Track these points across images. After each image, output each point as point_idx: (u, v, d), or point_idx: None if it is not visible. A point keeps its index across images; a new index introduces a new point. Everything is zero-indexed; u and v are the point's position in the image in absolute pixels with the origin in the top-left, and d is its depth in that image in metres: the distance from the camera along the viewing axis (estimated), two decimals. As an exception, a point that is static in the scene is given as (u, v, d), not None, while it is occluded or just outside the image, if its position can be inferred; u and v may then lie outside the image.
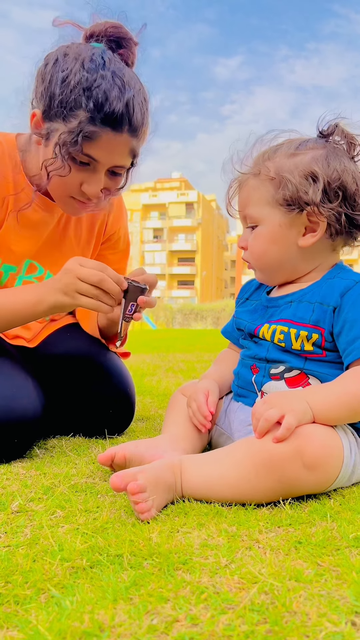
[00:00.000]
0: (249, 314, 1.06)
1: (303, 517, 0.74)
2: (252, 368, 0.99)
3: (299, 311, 0.94)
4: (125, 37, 1.05)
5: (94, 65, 0.98)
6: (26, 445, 1.06)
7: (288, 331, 0.93)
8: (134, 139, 1.04)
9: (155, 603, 0.52)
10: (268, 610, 0.50)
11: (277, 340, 0.94)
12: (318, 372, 0.92)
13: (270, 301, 1.02)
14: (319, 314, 0.91)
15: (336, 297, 0.90)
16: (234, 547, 0.65)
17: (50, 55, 1.03)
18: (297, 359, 0.93)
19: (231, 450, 0.83)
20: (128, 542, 0.66)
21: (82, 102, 0.97)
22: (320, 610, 0.50)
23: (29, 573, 0.59)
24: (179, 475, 0.82)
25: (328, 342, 0.90)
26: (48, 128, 1.02)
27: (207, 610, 0.50)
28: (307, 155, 0.92)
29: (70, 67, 0.98)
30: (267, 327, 0.97)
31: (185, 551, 0.63)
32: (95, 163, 1.03)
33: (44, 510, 0.79)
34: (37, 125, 1.05)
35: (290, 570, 0.58)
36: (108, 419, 1.25)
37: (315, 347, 0.91)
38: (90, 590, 0.55)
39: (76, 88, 0.97)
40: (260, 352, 0.98)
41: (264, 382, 0.96)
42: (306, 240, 0.94)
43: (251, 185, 0.96)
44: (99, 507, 0.81)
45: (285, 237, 0.95)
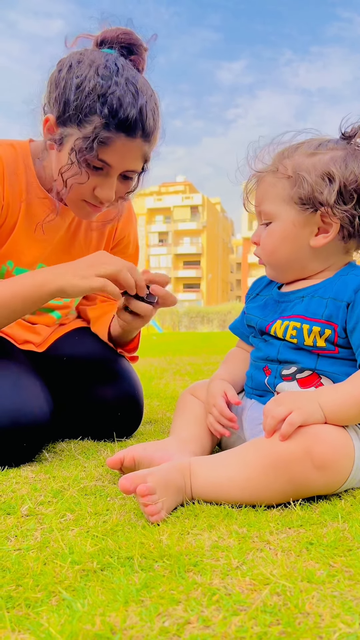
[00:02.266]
0: (259, 309, 1.05)
1: (314, 518, 0.74)
2: (265, 370, 0.99)
3: (311, 306, 0.93)
4: (136, 43, 1.07)
5: (108, 72, 1.00)
6: (35, 449, 1.07)
7: (301, 327, 0.92)
8: (147, 144, 1.06)
9: (166, 605, 0.51)
10: (281, 612, 0.49)
11: (290, 336, 0.94)
12: (330, 372, 0.91)
13: (281, 296, 1.02)
14: (332, 310, 0.90)
15: (350, 293, 0.90)
16: (245, 549, 0.65)
17: (64, 62, 1.05)
18: (309, 357, 0.93)
19: (240, 452, 0.83)
20: (138, 545, 0.66)
21: (97, 108, 0.99)
22: (334, 611, 0.50)
23: (39, 576, 0.59)
24: (189, 477, 0.81)
25: (341, 338, 0.90)
26: (62, 133, 1.04)
27: (219, 612, 0.50)
28: (326, 155, 0.92)
29: (84, 74, 1.00)
30: (279, 324, 0.96)
31: (196, 553, 0.63)
32: (108, 168, 1.05)
33: (53, 513, 0.79)
34: (50, 130, 1.06)
35: (302, 571, 0.58)
36: (116, 422, 1.25)
37: (328, 343, 0.91)
38: (101, 592, 0.55)
39: (91, 94, 0.99)
40: (271, 353, 0.97)
41: (277, 383, 0.96)
42: (318, 240, 0.94)
43: (268, 182, 0.96)
44: (109, 510, 0.80)
45: (297, 236, 0.95)
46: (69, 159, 1.03)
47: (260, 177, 0.98)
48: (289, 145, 0.97)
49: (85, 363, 1.27)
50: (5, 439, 1.00)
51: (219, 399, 1.00)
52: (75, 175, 1.04)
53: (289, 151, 0.96)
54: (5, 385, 1.04)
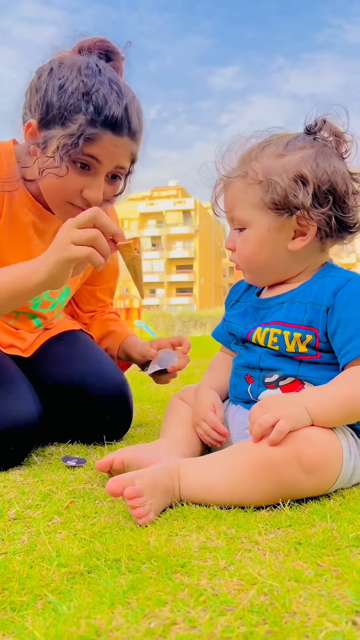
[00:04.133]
0: (239, 317, 1.04)
1: (303, 518, 0.74)
2: (247, 378, 0.98)
3: (291, 312, 0.93)
4: (113, 50, 1.08)
5: (90, 72, 0.99)
6: (23, 452, 1.06)
7: (282, 333, 0.91)
8: (133, 142, 1.05)
9: (153, 606, 0.51)
10: (267, 611, 0.49)
11: (271, 343, 0.93)
12: (312, 377, 0.90)
13: (260, 302, 1.01)
14: (312, 315, 0.90)
15: (329, 296, 0.89)
16: (233, 549, 0.64)
17: (44, 67, 1.03)
18: (291, 364, 0.92)
19: (229, 454, 0.83)
20: (126, 547, 0.65)
21: (82, 106, 0.97)
22: (320, 610, 0.49)
23: (25, 580, 0.58)
24: (177, 479, 0.81)
25: (322, 342, 0.89)
26: (45, 136, 1.02)
27: (206, 612, 0.49)
28: (296, 155, 0.90)
29: (66, 75, 0.99)
30: (260, 331, 0.95)
31: (183, 554, 0.63)
32: (96, 165, 1.02)
33: (41, 516, 0.78)
34: (32, 134, 1.04)
35: (289, 570, 0.58)
36: (106, 426, 1.24)
37: (310, 348, 0.90)
38: (87, 595, 0.54)
39: (74, 93, 0.97)
40: (252, 360, 0.96)
41: (260, 391, 0.95)
42: (296, 244, 0.92)
43: (238, 188, 0.93)
44: (97, 513, 0.80)
45: (274, 241, 0.93)
46: (53, 158, 1.00)
47: (229, 182, 0.95)
48: (254, 145, 0.94)
49: (73, 367, 1.26)
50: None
51: (210, 414, 0.98)
52: (54, 169, 1.01)
53: (255, 152, 0.93)
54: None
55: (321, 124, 0.92)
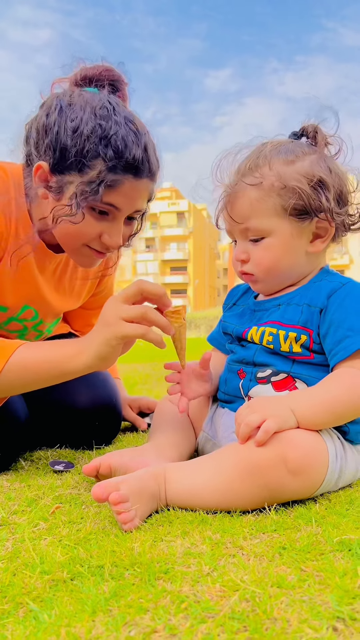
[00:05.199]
0: (236, 317, 1.05)
1: (288, 523, 0.74)
2: (239, 373, 0.99)
3: (287, 313, 0.94)
4: (119, 79, 1.02)
5: (105, 112, 0.93)
6: (9, 459, 1.05)
7: (277, 332, 0.92)
8: (152, 182, 1.01)
9: (134, 614, 0.51)
10: (248, 618, 0.49)
11: (266, 342, 0.94)
12: (305, 376, 0.91)
13: (258, 305, 1.02)
14: (307, 316, 0.91)
15: (323, 298, 0.90)
16: (217, 555, 0.64)
17: (51, 105, 0.96)
18: (284, 362, 0.93)
19: (215, 457, 0.83)
20: (110, 553, 0.65)
21: (100, 151, 0.91)
22: (302, 616, 0.49)
23: (8, 587, 0.58)
24: (163, 484, 0.81)
25: (316, 343, 0.90)
26: (59, 181, 0.95)
27: (187, 620, 0.49)
28: (305, 161, 0.91)
29: (79, 116, 0.92)
30: (255, 330, 0.96)
31: (167, 560, 0.62)
32: (115, 211, 0.97)
33: (26, 522, 0.78)
34: (42, 178, 0.97)
35: (273, 576, 0.57)
36: (94, 431, 1.24)
37: (304, 348, 0.91)
38: (69, 603, 0.54)
39: (91, 137, 0.91)
40: (247, 356, 0.97)
41: (251, 386, 0.96)
42: (316, 246, 0.95)
43: (253, 197, 0.92)
44: (83, 518, 0.79)
45: (296, 246, 0.94)
46: (70, 205, 0.95)
47: (237, 194, 0.94)
48: (255, 154, 0.94)
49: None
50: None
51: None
52: (70, 216, 0.96)
53: (261, 160, 0.92)
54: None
55: (312, 128, 0.95)
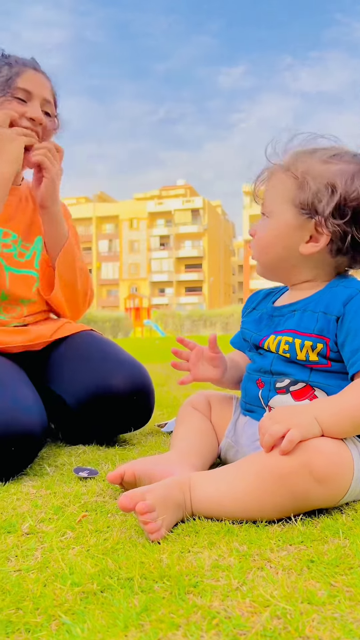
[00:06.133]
0: (254, 324, 1.05)
1: (315, 534, 0.74)
2: (258, 382, 0.99)
3: (303, 321, 0.93)
4: None
5: (4, 52, 1.37)
6: (26, 462, 1.07)
7: (293, 341, 0.92)
8: (49, 81, 1.37)
9: (166, 630, 0.51)
10: (280, 636, 0.49)
11: (282, 351, 0.94)
12: (324, 384, 0.91)
13: (275, 310, 1.02)
14: (323, 324, 0.90)
15: (339, 306, 0.89)
16: (245, 568, 0.64)
17: None
18: (302, 370, 0.93)
19: (240, 466, 0.83)
20: (139, 564, 0.66)
21: (4, 61, 1.33)
22: (334, 634, 0.49)
23: (39, 599, 0.59)
24: (188, 493, 0.81)
25: (333, 352, 0.90)
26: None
27: (219, 637, 0.50)
28: (337, 166, 0.92)
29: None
30: (272, 339, 0.96)
31: (196, 573, 0.63)
32: (28, 95, 1.32)
33: (54, 531, 0.79)
34: None
35: (302, 591, 0.57)
36: (130, 412, 1.31)
37: (320, 357, 0.91)
38: (101, 616, 0.55)
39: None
40: (264, 365, 0.97)
41: (270, 396, 0.96)
42: (306, 248, 0.94)
43: (278, 178, 0.97)
44: (109, 527, 0.80)
45: (288, 237, 0.95)
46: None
47: (273, 171, 0.98)
48: (307, 148, 0.97)
49: (92, 358, 1.34)
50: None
51: None
52: (5, 102, 1.30)
53: (306, 153, 0.96)
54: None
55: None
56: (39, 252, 1.45)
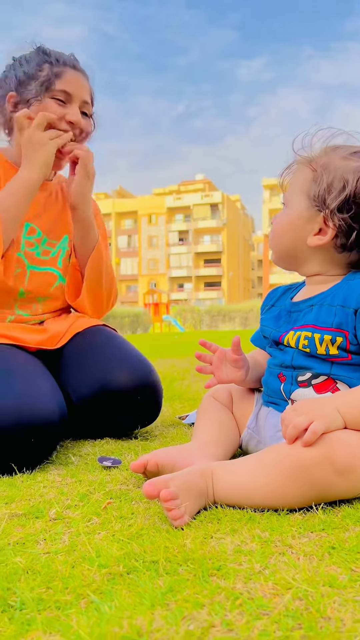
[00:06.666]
0: (273, 320, 1.06)
1: (336, 522, 0.75)
2: (280, 376, 1.00)
3: (321, 315, 0.94)
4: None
5: (43, 47, 1.36)
6: (46, 450, 1.10)
7: (312, 336, 0.93)
8: (88, 80, 1.37)
9: (191, 609, 0.53)
10: (303, 616, 0.51)
11: (302, 346, 0.95)
12: (345, 377, 0.92)
13: (293, 306, 1.03)
14: (341, 317, 0.91)
15: (356, 298, 0.90)
16: (267, 553, 0.66)
17: (6, 67, 1.37)
18: (323, 364, 0.93)
19: (262, 456, 0.84)
20: (163, 549, 0.68)
21: (45, 59, 1.32)
22: (355, 615, 0.50)
23: (68, 579, 0.61)
24: (211, 482, 0.83)
25: (353, 344, 0.90)
26: (24, 96, 1.31)
27: (242, 616, 0.51)
28: (356, 163, 0.93)
29: (26, 55, 1.35)
30: (292, 334, 0.97)
31: (219, 557, 0.65)
32: (68, 97, 1.31)
33: (80, 517, 0.81)
34: (13, 102, 1.33)
35: (324, 576, 0.59)
36: (135, 410, 1.31)
37: (341, 350, 0.91)
38: (127, 596, 0.57)
39: (36, 58, 1.32)
40: (285, 360, 0.98)
41: (292, 389, 0.97)
42: (313, 240, 0.96)
43: (300, 170, 0.99)
44: (134, 514, 0.82)
45: (299, 228, 0.97)
46: (35, 100, 1.30)
47: (298, 163, 1.01)
48: (333, 144, 0.98)
49: (99, 356, 1.34)
50: (15, 438, 1.03)
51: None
52: (41, 104, 1.30)
53: (330, 148, 0.97)
54: (18, 385, 1.08)
55: None
56: (64, 251, 1.46)
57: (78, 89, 1.33)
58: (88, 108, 1.37)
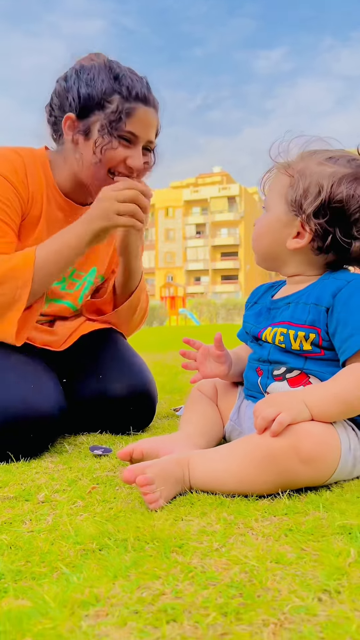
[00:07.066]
0: (254, 317, 1.11)
1: (299, 507, 0.80)
2: (257, 370, 1.05)
3: (296, 312, 0.99)
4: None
5: (111, 65, 1.23)
6: (44, 443, 1.15)
7: (287, 332, 0.98)
8: (157, 114, 1.27)
9: (147, 580, 0.59)
10: (245, 587, 0.56)
11: (278, 341, 1.00)
12: (317, 371, 0.96)
13: (273, 303, 1.08)
14: (315, 315, 0.96)
15: (328, 297, 0.95)
16: (229, 534, 0.71)
17: (66, 74, 1.25)
18: (297, 359, 0.98)
19: (235, 446, 0.90)
20: (134, 528, 0.74)
21: (115, 87, 1.19)
22: (292, 587, 0.56)
23: (46, 554, 0.68)
24: (187, 469, 0.88)
25: (325, 341, 0.95)
26: (85, 124, 1.21)
27: (192, 586, 0.57)
28: (330, 169, 0.96)
29: (92, 71, 1.21)
30: (269, 330, 1.02)
31: (183, 536, 0.70)
32: (134, 138, 1.22)
33: (66, 500, 0.88)
34: (72, 126, 1.23)
35: (274, 554, 0.64)
36: (130, 417, 1.34)
37: (314, 346, 0.96)
38: (95, 569, 0.63)
39: (105, 81, 1.19)
40: (263, 354, 1.03)
41: (268, 383, 1.02)
42: (291, 243, 1.01)
43: (278, 175, 1.04)
44: (116, 498, 0.89)
45: (278, 232, 1.02)
46: (100, 137, 1.20)
47: (277, 169, 1.05)
48: (309, 149, 1.03)
49: (99, 361, 1.38)
50: (16, 430, 1.10)
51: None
52: (107, 144, 1.20)
53: (307, 154, 1.02)
54: (20, 381, 1.15)
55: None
56: (88, 285, 1.43)
57: (146, 130, 1.23)
58: (151, 145, 1.28)
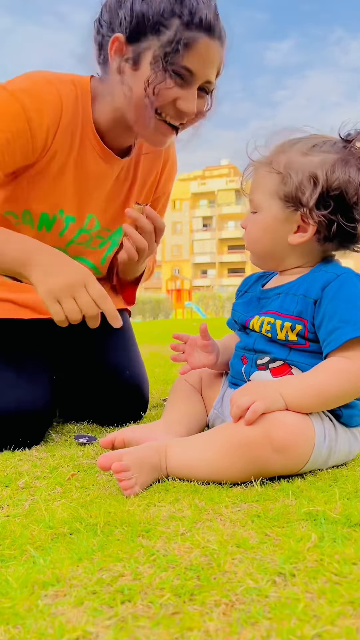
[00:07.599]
0: (243, 305, 1.12)
1: (270, 495, 0.81)
2: (242, 359, 1.06)
3: (285, 303, 0.99)
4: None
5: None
6: (33, 438, 1.16)
7: (274, 322, 0.98)
8: (222, 49, 1.04)
9: (109, 562, 0.60)
10: (203, 570, 0.57)
11: (264, 330, 1.00)
12: (300, 363, 0.97)
13: (263, 293, 1.08)
14: (302, 306, 0.96)
15: (317, 290, 0.95)
16: (197, 519, 0.73)
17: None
18: (281, 349, 0.99)
19: (211, 434, 0.91)
20: (106, 513, 0.75)
21: (175, 8, 0.97)
22: (248, 570, 0.57)
23: (18, 538, 0.69)
24: (164, 457, 0.90)
25: (311, 332, 0.95)
26: (135, 50, 1.02)
27: (152, 569, 0.58)
28: (318, 157, 0.96)
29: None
30: (257, 319, 1.03)
31: (151, 522, 0.72)
32: (190, 76, 1.02)
33: (45, 487, 0.89)
34: (119, 51, 1.04)
35: (238, 538, 0.65)
36: (121, 411, 1.35)
37: (299, 337, 0.96)
38: (64, 552, 0.65)
39: (165, 0, 0.97)
40: (249, 343, 1.04)
41: (252, 371, 1.03)
42: (294, 238, 0.99)
43: (261, 173, 1.02)
44: (94, 485, 0.90)
45: (277, 230, 1.00)
46: (152, 70, 1.00)
47: (256, 167, 1.04)
48: (287, 140, 1.01)
49: (92, 355, 1.37)
50: (5, 425, 1.11)
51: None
52: (160, 82, 1.01)
53: (286, 146, 1.00)
54: (12, 377, 1.16)
55: (355, 134, 0.96)
56: (112, 245, 1.34)
57: (205, 68, 1.03)
58: (210, 85, 1.08)
